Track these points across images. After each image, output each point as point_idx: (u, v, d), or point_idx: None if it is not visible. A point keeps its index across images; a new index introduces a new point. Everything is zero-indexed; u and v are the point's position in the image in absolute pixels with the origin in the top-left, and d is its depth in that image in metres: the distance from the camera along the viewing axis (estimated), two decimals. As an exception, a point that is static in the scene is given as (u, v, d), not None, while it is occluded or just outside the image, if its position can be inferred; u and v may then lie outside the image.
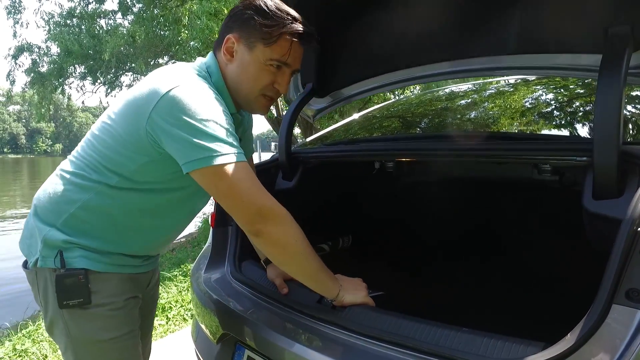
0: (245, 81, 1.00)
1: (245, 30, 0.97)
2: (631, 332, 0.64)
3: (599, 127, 0.87)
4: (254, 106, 1.06)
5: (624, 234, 0.70)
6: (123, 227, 1.02)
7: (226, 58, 1.01)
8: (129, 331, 1.05)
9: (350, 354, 0.90)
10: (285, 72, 1.01)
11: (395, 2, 1.35)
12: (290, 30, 0.95)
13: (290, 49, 0.97)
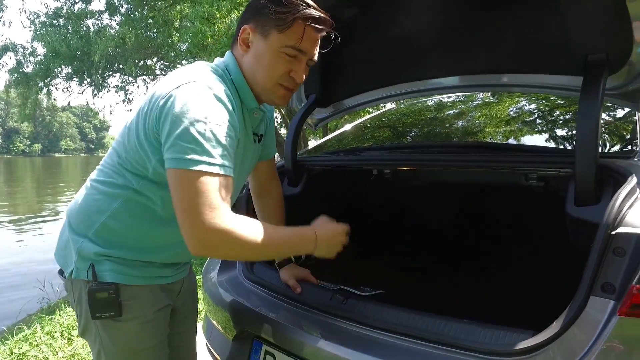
0: (262, 70, 0.98)
1: (259, 19, 0.96)
2: (604, 319, 0.77)
3: (580, 142, 1.00)
4: (273, 97, 1.03)
5: (601, 236, 0.82)
6: (152, 234, 1.03)
7: (242, 49, 1.00)
8: (157, 343, 1.09)
9: (359, 343, 1.00)
10: (301, 60, 0.99)
11: (393, 22, 1.46)
12: (303, 15, 0.93)
13: (304, 34, 0.95)
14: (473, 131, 1.80)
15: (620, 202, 0.84)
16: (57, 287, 4.73)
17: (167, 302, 1.11)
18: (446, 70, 1.51)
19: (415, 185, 2.07)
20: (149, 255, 1.05)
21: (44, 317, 3.36)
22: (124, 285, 1.01)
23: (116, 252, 1.01)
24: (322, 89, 1.73)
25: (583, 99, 1.04)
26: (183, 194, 0.84)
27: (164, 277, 1.10)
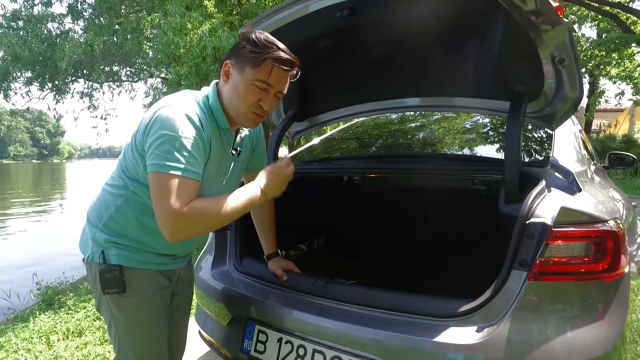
0: (236, 98, 1.19)
1: (238, 56, 1.18)
2: (520, 286, 1.05)
3: (507, 154, 1.30)
4: (244, 120, 1.23)
5: (519, 226, 1.11)
6: (148, 228, 1.22)
7: (223, 79, 1.22)
8: (156, 317, 1.29)
9: (335, 314, 1.26)
10: (269, 92, 1.18)
11: (360, 53, 1.74)
12: (272, 56, 1.15)
13: (272, 71, 1.15)
14: (430, 143, 2.11)
15: (531, 200, 1.13)
16: (23, 298, 4.66)
17: (166, 284, 1.32)
18: (403, 92, 1.80)
19: (382, 190, 2.35)
20: (147, 244, 1.25)
21: (17, 324, 3.36)
22: (127, 268, 1.23)
23: (121, 240, 1.23)
24: (299, 105, 1.98)
25: (509, 119, 1.34)
26: (156, 191, 1.07)
27: (161, 264, 1.31)
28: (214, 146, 1.20)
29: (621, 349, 1.01)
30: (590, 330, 1.00)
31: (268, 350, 1.38)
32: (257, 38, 1.17)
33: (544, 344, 0.99)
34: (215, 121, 1.22)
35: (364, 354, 1.18)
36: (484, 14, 1.24)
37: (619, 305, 1.04)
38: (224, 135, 1.25)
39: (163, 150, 1.06)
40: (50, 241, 10.02)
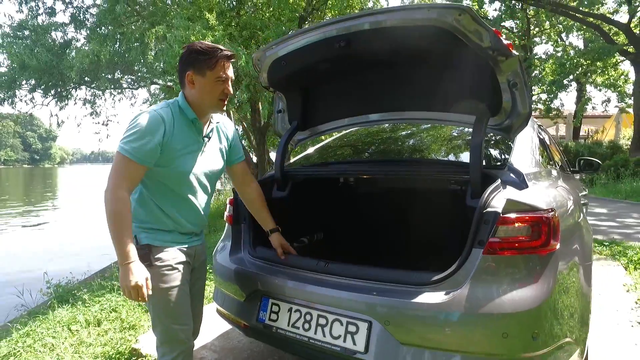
0: (207, 94, 1.56)
1: (196, 65, 1.53)
2: (477, 260, 1.38)
3: (472, 158, 1.64)
4: (216, 108, 1.62)
5: (478, 214, 1.44)
6: (162, 210, 1.58)
7: (190, 87, 1.56)
8: (180, 284, 1.59)
9: (335, 286, 1.59)
10: (227, 81, 1.57)
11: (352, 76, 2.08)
12: (222, 55, 1.53)
13: (224, 66, 1.54)
14: (413, 150, 2.45)
15: (487, 194, 1.47)
16: (34, 296, 4.92)
17: (185, 260, 1.63)
18: (390, 107, 2.15)
19: (372, 190, 2.69)
20: (165, 223, 1.60)
21: (38, 317, 3.63)
22: (154, 246, 1.56)
23: (145, 224, 1.58)
24: (301, 117, 2.31)
25: (474, 131, 1.68)
26: (113, 163, 1.49)
27: (179, 242, 1.63)
28: (182, 132, 1.57)
29: (550, 302, 1.34)
30: (528, 289, 1.34)
31: (280, 318, 1.70)
32: (203, 48, 1.53)
33: (494, 299, 1.32)
34: (184, 114, 1.58)
35: (360, 315, 1.50)
36: (456, 49, 1.58)
37: (550, 272, 1.37)
38: (195, 124, 1.61)
39: (124, 138, 1.48)
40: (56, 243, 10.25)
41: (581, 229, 1.81)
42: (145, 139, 1.47)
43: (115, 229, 1.43)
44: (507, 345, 1.31)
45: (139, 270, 1.44)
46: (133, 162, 1.46)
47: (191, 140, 1.61)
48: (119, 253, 1.44)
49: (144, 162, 1.48)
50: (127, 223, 1.45)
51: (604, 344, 2.46)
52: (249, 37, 7.46)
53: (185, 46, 1.63)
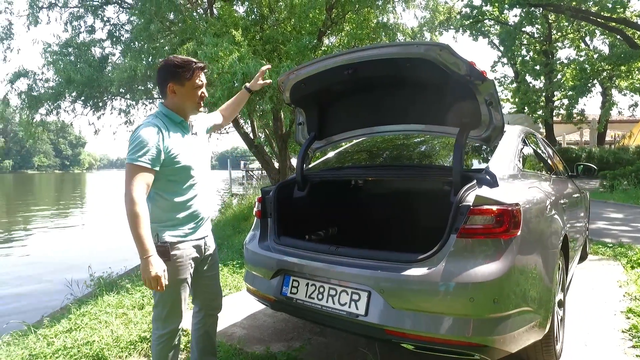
0: (188, 100, 1.85)
1: (175, 77, 1.81)
2: (452, 242, 1.77)
3: (454, 163, 2.03)
4: (195, 109, 1.92)
5: (455, 207, 1.83)
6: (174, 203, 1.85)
7: (172, 96, 1.84)
8: (186, 278, 1.90)
9: (343, 264, 1.99)
10: (202, 87, 1.87)
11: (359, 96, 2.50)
12: (197, 67, 1.83)
13: (199, 75, 1.85)
14: (413, 156, 2.85)
15: (463, 192, 1.85)
16: (82, 285, 5.50)
17: (195, 255, 1.93)
18: (391, 121, 2.56)
19: (378, 189, 3.10)
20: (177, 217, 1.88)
21: (88, 302, 4.16)
22: (171, 243, 1.83)
23: (163, 223, 1.84)
24: (318, 129, 2.74)
25: (457, 140, 2.08)
26: (125, 174, 1.75)
27: (193, 233, 1.91)
28: (175, 133, 1.86)
29: (508, 276, 1.71)
30: (491, 265, 1.72)
31: (300, 291, 2.12)
32: (179, 62, 1.82)
33: (464, 272, 1.71)
34: (171, 119, 1.88)
35: (362, 286, 1.91)
36: (442, 75, 1.97)
37: (510, 253, 1.75)
38: (182, 125, 1.92)
39: (129, 149, 1.76)
40: (95, 241, 11.02)
41: (548, 222, 2.16)
42: (148, 147, 1.74)
43: (135, 227, 1.67)
44: (474, 307, 1.69)
45: (157, 263, 1.69)
46: (144, 168, 1.72)
47: (184, 138, 1.90)
48: (139, 248, 1.68)
49: (153, 166, 1.75)
50: (144, 221, 1.68)
51: (587, 328, 2.77)
52: (272, 51, 7.97)
53: (162, 61, 1.92)
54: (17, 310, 5.77)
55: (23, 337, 3.32)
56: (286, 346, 2.62)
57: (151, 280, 1.68)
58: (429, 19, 10.11)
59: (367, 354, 2.35)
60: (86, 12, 9.36)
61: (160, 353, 1.91)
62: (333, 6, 8.88)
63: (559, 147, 22.10)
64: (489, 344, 1.71)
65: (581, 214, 3.74)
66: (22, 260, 9.21)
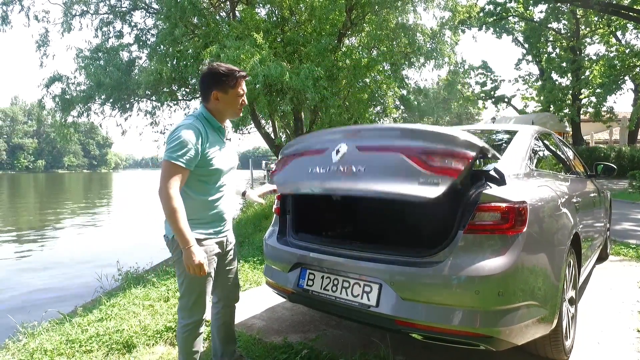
0: (230, 107, 1.98)
1: (220, 85, 1.92)
2: (460, 238, 1.85)
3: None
4: (235, 115, 2.05)
5: (463, 204, 1.91)
6: (202, 203, 1.96)
7: (215, 102, 1.95)
8: (210, 272, 2.00)
9: (356, 259, 2.10)
10: (243, 95, 2.00)
11: None
12: (240, 76, 1.95)
13: (241, 84, 1.97)
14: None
15: (472, 190, 1.93)
16: (111, 279, 5.80)
17: (217, 251, 2.05)
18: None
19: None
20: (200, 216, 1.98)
21: (117, 294, 4.40)
22: (197, 239, 1.89)
23: (190, 220, 1.88)
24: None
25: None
26: (162, 170, 1.85)
27: (217, 232, 2.04)
28: (212, 137, 1.97)
29: (513, 270, 1.78)
30: (496, 259, 1.79)
31: (315, 284, 2.24)
32: (224, 70, 1.92)
33: (470, 266, 1.79)
34: (211, 124, 2.00)
35: (373, 279, 2.01)
36: None
37: (515, 248, 1.82)
38: (219, 130, 2.04)
39: (168, 148, 1.85)
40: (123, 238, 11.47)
41: (556, 220, 2.21)
42: (187, 147, 1.83)
43: (174, 221, 1.79)
44: (480, 300, 1.76)
45: (199, 252, 1.82)
46: (180, 167, 1.82)
47: (219, 143, 2.01)
48: (180, 240, 1.81)
49: (189, 166, 1.85)
50: (182, 215, 1.79)
51: (601, 327, 2.78)
52: (292, 52, 8.14)
53: (207, 68, 2.00)
54: (52, 300, 6.13)
55: (60, 324, 3.56)
56: (303, 337, 2.74)
57: (194, 267, 1.81)
58: (449, 18, 10.05)
59: (380, 344, 2.45)
60: (115, 18, 9.79)
61: (185, 341, 2.06)
62: (353, 7, 8.97)
63: (587, 146, 21.47)
64: (494, 335, 1.78)
65: (599, 213, 3.71)
66: (54, 255, 9.70)
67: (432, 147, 1.89)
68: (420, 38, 9.11)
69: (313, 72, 6.51)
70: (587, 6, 17.06)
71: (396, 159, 1.94)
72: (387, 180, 1.94)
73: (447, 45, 9.78)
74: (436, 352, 2.44)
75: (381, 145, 2.06)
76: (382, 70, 9.43)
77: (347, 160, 2.10)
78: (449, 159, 1.84)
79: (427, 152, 1.88)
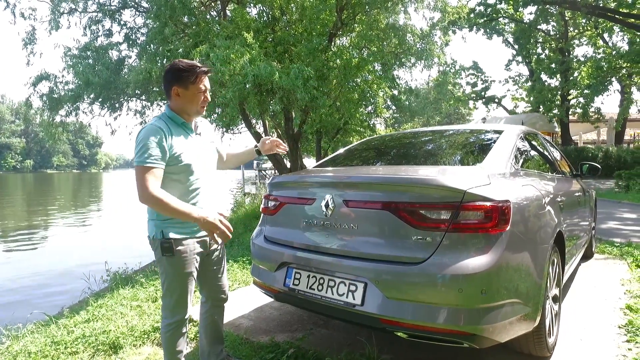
0: (190, 104, 1.94)
1: (180, 81, 1.90)
2: (444, 236, 1.86)
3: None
4: (198, 113, 2.01)
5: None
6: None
7: (176, 98, 1.93)
8: (192, 271, 2.00)
9: (339, 256, 2.10)
10: (205, 92, 1.96)
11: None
12: (201, 71, 1.91)
13: (203, 80, 1.94)
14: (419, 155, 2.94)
15: (455, 188, 1.95)
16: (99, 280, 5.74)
17: (199, 250, 2.03)
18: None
19: None
20: None
21: (105, 294, 4.36)
22: (175, 239, 1.93)
23: (167, 219, 1.93)
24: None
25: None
26: (135, 177, 1.83)
27: (194, 231, 1.99)
28: (177, 133, 1.95)
29: (496, 268, 1.80)
30: (479, 258, 1.81)
31: (301, 283, 2.24)
32: (184, 66, 1.90)
33: (453, 265, 1.80)
34: (174, 121, 1.98)
35: (359, 278, 2.02)
36: None
37: (498, 246, 1.84)
38: (185, 126, 2.01)
39: (136, 151, 1.85)
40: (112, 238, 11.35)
41: (540, 219, 2.23)
42: (151, 147, 1.83)
43: (170, 209, 1.81)
44: (463, 298, 1.78)
45: (209, 213, 1.86)
46: (151, 167, 1.81)
47: (187, 138, 1.99)
48: (187, 218, 1.85)
49: (159, 164, 1.85)
50: (172, 199, 1.81)
51: (584, 324, 2.82)
52: (283, 52, 8.12)
53: (168, 65, 1.97)
54: (38, 302, 6.05)
55: (45, 326, 3.52)
56: (290, 336, 2.74)
57: (214, 229, 1.85)
58: (439, 19, 10.11)
59: (365, 343, 2.46)
60: (104, 17, 9.66)
61: (169, 340, 2.05)
62: (344, 8, 8.99)
63: (575, 146, 21.76)
64: (477, 333, 1.80)
65: (584, 213, 3.77)
66: (42, 256, 9.58)
67: (418, 201, 1.95)
68: (410, 38, 9.15)
69: (303, 72, 6.51)
70: (575, 8, 17.31)
71: (385, 216, 2.00)
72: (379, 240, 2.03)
73: (437, 46, 9.84)
74: (423, 351, 2.46)
75: (368, 201, 2.09)
76: (373, 70, 9.46)
77: (337, 217, 2.17)
78: (437, 211, 1.91)
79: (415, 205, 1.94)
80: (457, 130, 3.22)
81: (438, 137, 3.17)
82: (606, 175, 15.65)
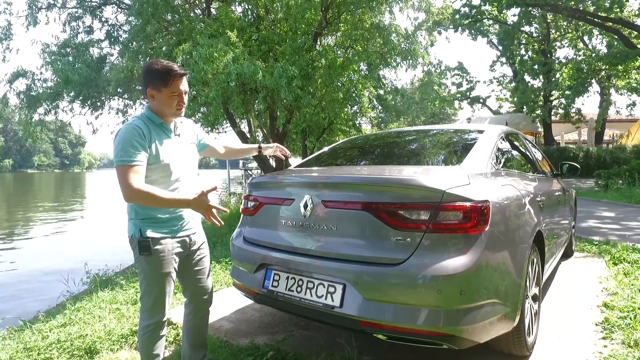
0: (164, 106, 1.91)
1: (154, 83, 1.87)
2: (422, 237, 1.85)
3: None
4: (174, 115, 1.97)
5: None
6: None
7: (151, 101, 1.92)
8: (171, 271, 1.97)
9: (320, 259, 2.07)
10: (180, 95, 1.92)
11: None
12: (174, 74, 1.86)
13: (177, 83, 1.88)
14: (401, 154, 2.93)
15: (435, 188, 1.94)
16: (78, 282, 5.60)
17: (178, 250, 1.99)
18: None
19: None
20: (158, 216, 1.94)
21: (84, 297, 4.25)
22: (153, 238, 1.91)
23: (146, 219, 1.92)
24: None
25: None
26: (118, 177, 1.80)
27: (176, 231, 1.98)
28: (155, 133, 1.93)
29: (475, 269, 1.79)
30: (458, 259, 1.80)
31: (280, 284, 2.21)
32: (158, 68, 1.86)
33: (431, 266, 1.79)
34: (152, 121, 1.95)
35: (337, 280, 1.99)
36: None
37: (477, 247, 1.83)
38: (163, 127, 1.98)
39: (115, 152, 1.84)
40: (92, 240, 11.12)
41: (519, 218, 2.24)
42: (130, 145, 1.82)
43: (160, 199, 1.81)
44: (442, 299, 1.77)
45: (199, 201, 1.84)
46: (131, 165, 1.80)
47: (165, 138, 1.97)
48: (179, 205, 1.90)
49: (140, 161, 1.83)
50: (159, 191, 1.81)
51: (563, 322, 2.86)
52: (267, 51, 8.06)
53: (144, 65, 1.95)
54: (14, 306, 5.87)
55: (19, 332, 3.41)
56: (270, 338, 2.71)
57: (209, 208, 1.84)
58: (424, 19, 10.17)
59: (345, 345, 2.44)
60: (85, 13, 9.44)
61: (146, 342, 1.99)
62: (329, 7, 8.96)
63: (557, 146, 22.18)
64: (457, 334, 1.79)
65: (564, 212, 3.82)
66: (20, 258, 9.31)
67: (397, 201, 1.93)
68: (395, 38, 9.18)
69: (287, 71, 6.46)
70: (556, 11, 17.63)
71: (364, 217, 1.98)
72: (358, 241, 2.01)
73: (421, 46, 9.90)
74: (403, 352, 2.44)
75: (347, 201, 2.07)
76: (358, 70, 9.46)
77: (316, 218, 2.14)
78: (416, 212, 1.89)
79: (393, 205, 1.92)
80: (440, 130, 3.23)
81: (421, 137, 3.17)
82: (587, 175, 15.99)
